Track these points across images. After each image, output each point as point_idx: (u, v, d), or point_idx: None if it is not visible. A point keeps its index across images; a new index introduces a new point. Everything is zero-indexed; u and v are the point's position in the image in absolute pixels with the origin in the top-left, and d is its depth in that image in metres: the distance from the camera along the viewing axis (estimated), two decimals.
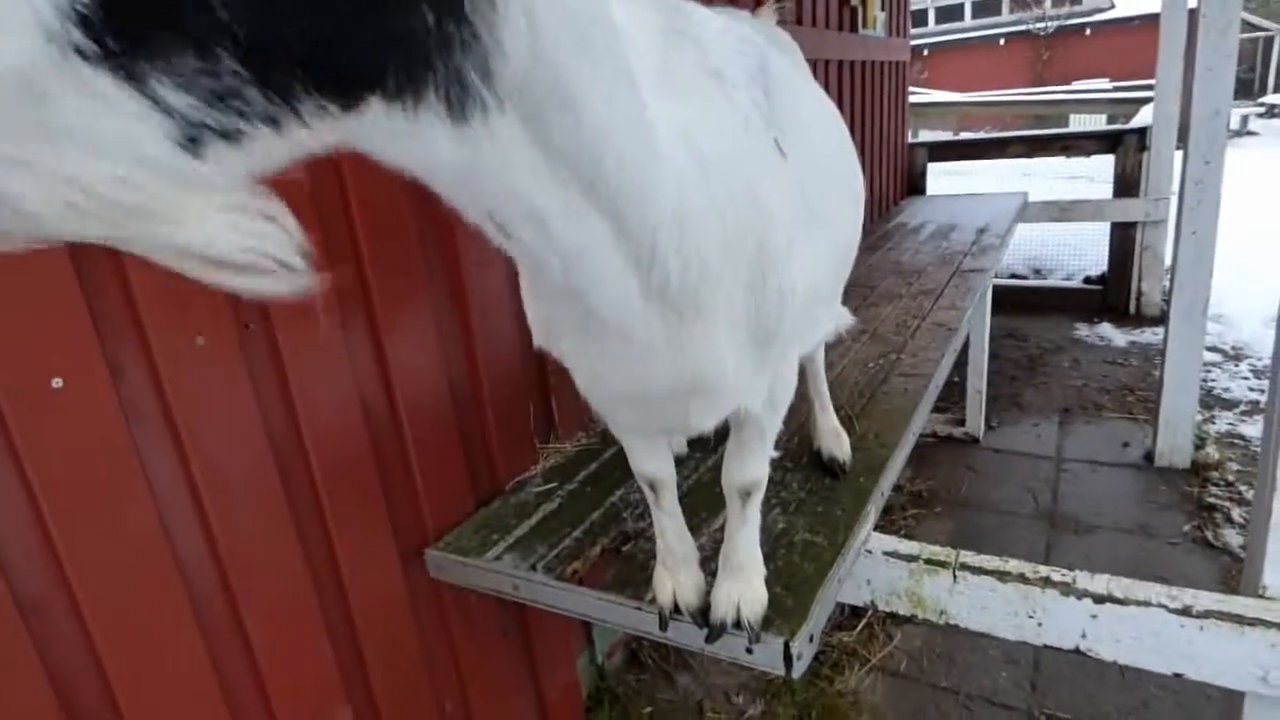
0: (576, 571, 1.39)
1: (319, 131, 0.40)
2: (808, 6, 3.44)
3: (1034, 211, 4.77)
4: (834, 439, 1.68)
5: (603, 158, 0.62)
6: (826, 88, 3.69)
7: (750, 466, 1.19)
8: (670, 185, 0.71)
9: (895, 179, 4.99)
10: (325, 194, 1.34)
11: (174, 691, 1.15)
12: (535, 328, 0.99)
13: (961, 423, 3.67)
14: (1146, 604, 1.27)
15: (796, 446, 1.78)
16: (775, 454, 1.22)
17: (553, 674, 1.95)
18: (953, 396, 3.76)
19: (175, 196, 0.33)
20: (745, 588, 1.23)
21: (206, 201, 0.35)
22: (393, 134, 0.47)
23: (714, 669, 2.29)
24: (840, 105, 3.89)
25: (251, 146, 0.36)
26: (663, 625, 1.29)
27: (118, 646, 1.08)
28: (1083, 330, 4.79)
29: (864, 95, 4.16)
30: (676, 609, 1.28)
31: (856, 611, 2.42)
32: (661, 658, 2.32)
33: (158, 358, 1.11)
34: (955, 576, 1.36)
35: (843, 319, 1.55)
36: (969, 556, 1.38)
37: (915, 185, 5.27)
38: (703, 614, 1.26)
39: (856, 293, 3.11)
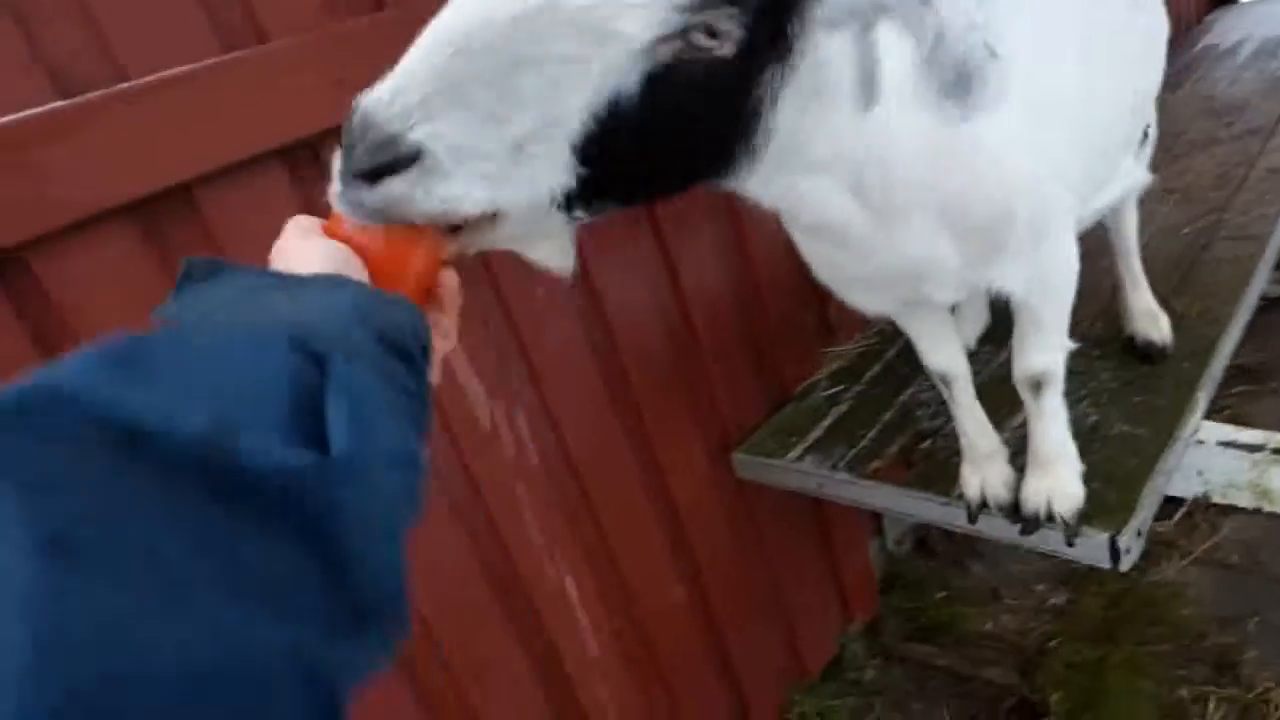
0: (878, 470, 1.47)
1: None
2: None
3: None
4: (1149, 320, 1.56)
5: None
6: None
7: (1032, 357, 1.17)
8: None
9: None
10: None
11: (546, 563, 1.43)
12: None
13: None
14: None
15: (1101, 331, 1.67)
16: (1071, 345, 1.18)
17: (848, 559, 2.07)
18: None
19: (547, 228, 0.67)
20: (1055, 482, 1.23)
21: (555, 233, 0.68)
22: None
23: (1006, 557, 2.27)
24: None
25: (581, 215, 0.66)
26: (971, 519, 1.34)
27: (511, 538, 1.36)
28: None
29: None
30: (985, 504, 1.31)
31: (1171, 499, 2.25)
32: (952, 545, 2.35)
33: (511, 306, 1.34)
34: None
35: (1133, 178, 1.40)
36: None
37: None
38: (1014, 509, 1.28)
39: (1158, 143, 2.72)
